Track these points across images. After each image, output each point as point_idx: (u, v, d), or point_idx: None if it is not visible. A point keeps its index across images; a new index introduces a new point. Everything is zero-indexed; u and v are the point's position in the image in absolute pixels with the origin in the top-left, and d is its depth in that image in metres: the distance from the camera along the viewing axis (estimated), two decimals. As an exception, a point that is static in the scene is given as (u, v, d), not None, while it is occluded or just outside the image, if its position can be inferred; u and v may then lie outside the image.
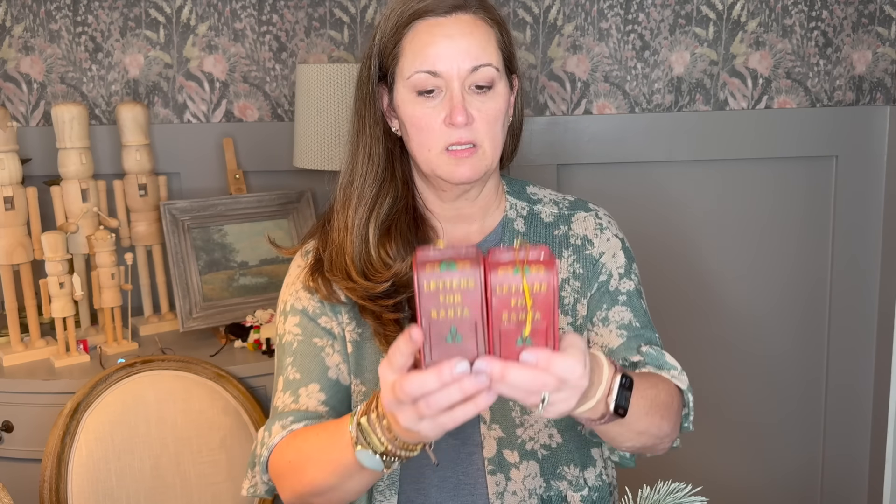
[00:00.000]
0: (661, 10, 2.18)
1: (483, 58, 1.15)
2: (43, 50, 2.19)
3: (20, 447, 1.82)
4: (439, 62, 1.15)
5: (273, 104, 2.22)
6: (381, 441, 0.97)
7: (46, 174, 2.15)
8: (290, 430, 1.16)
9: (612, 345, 1.22)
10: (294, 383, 1.22)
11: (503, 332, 0.84)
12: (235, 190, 2.17)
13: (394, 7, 1.19)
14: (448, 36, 1.15)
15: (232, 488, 1.73)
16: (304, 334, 1.24)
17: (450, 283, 0.83)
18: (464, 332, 0.84)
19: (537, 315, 0.84)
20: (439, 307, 0.84)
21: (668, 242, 2.26)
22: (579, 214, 1.30)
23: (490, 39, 1.17)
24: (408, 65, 1.17)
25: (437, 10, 1.16)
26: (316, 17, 2.18)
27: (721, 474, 2.35)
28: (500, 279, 0.83)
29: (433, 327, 0.84)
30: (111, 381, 1.71)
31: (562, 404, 0.88)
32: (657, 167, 2.23)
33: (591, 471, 1.26)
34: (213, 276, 2.04)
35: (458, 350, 0.84)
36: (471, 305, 0.84)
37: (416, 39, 1.16)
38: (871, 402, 2.34)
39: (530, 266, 0.84)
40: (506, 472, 1.22)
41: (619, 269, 1.26)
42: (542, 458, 1.23)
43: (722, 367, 2.32)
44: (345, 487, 1.08)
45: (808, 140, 2.23)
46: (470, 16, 1.16)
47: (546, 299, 0.83)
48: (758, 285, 2.30)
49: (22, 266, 1.90)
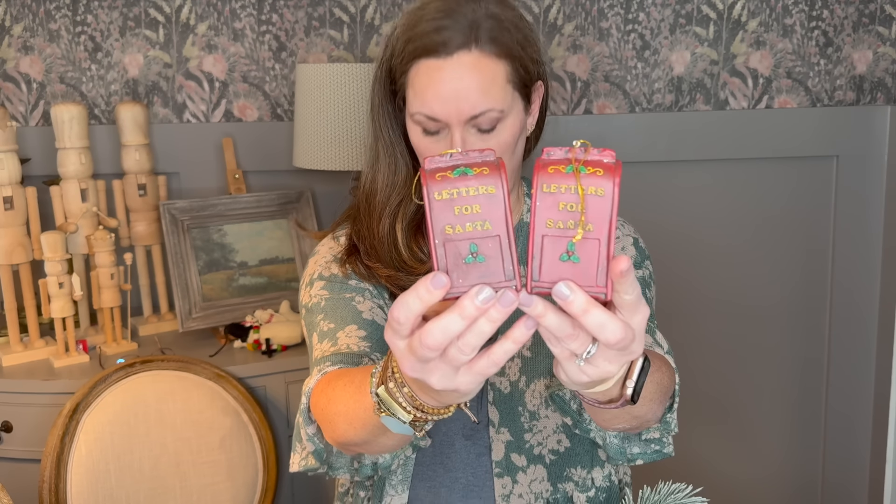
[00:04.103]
0: (661, 9, 2.18)
1: (484, 104, 1.09)
2: (42, 49, 2.19)
3: (19, 447, 1.82)
4: (438, 108, 1.09)
5: (273, 104, 2.22)
6: (407, 409, 0.86)
7: (46, 174, 2.15)
8: (324, 373, 1.08)
9: None
10: (330, 332, 1.17)
11: (545, 240, 0.68)
12: (235, 190, 2.17)
13: (401, 31, 1.14)
14: (448, 81, 1.08)
15: (231, 488, 1.72)
16: (331, 292, 1.21)
17: (466, 191, 0.68)
18: (486, 251, 0.69)
19: (590, 226, 0.67)
20: (454, 221, 0.69)
21: (667, 242, 2.26)
22: None
23: (495, 78, 1.09)
24: (411, 101, 1.13)
25: (439, 51, 1.08)
26: (316, 16, 2.18)
27: (721, 474, 2.35)
28: (548, 177, 0.68)
29: (448, 246, 0.69)
30: (110, 382, 1.71)
31: (605, 365, 0.72)
32: (657, 167, 2.23)
33: (598, 471, 1.25)
34: (212, 276, 2.04)
35: (481, 272, 0.68)
36: (493, 217, 0.68)
37: (417, 79, 1.11)
38: (871, 402, 2.34)
39: (587, 166, 0.68)
40: (512, 475, 1.21)
41: None
42: (550, 462, 1.22)
43: (722, 367, 2.32)
44: (379, 442, 0.99)
45: (809, 140, 2.23)
46: (475, 55, 1.08)
47: (603, 207, 0.67)
48: (758, 285, 2.29)
49: (21, 266, 1.90)
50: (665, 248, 2.27)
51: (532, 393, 1.21)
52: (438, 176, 0.69)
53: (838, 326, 2.31)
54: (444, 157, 0.70)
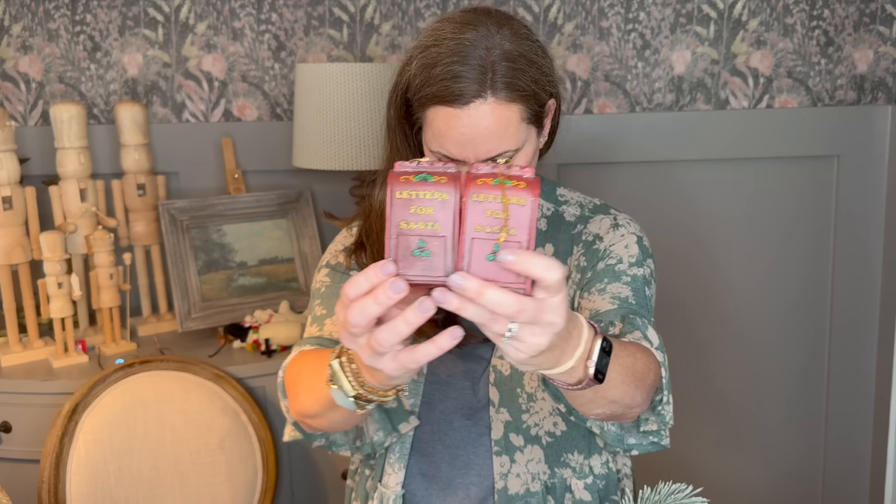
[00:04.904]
0: (661, 8, 2.17)
1: (500, 147, 1.12)
2: (41, 49, 2.19)
3: (18, 448, 1.82)
4: (455, 151, 1.13)
5: (272, 103, 2.22)
6: (352, 384, 0.95)
7: (45, 174, 2.15)
8: (300, 351, 1.18)
9: (600, 308, 1.20)
10: (320, 317, 1.26)
11: (474, 242, 0.78)
12: (234, 189, 2.16)
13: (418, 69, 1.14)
14: (464, 128, 1.11)
15: (231, 488, 1.72)
16: (332, 281, 1.30)
17: (423, 195, 0.79)
18: (432, 248, 0.79)
19: (513, 231, 0.78)
20: (409, 218, 0.79)
21: (668, 242, 2.26)
22: (598, 217, 1.31)
23: (510, 121, 1.12)
24: (428, 139, 1.16)
25: (455, 101, 1.10)
26: (315, 15, 2.18)
27: (722, 474, 2.34)
28: (477, 188, 0.79)
29: (401, 239, 0.79)
30: (110, 382, 1.71)
31: (532, 339, 0.80)
32: (658, 167, 2.23)
33: (596, 458, 1.28)
34: (211, 276, 2.03)
35: (425, 265, 0.79)
36: (443, 220, 0.79)
37: (434, 122, 1.14)
38: (871, 402, 2.33)
39: (511, 180, 0.79)
40: (511, 454, 1.25)
41: (630, 258, 1.25)
42: (547, 444, 1.25)
43: (722, 367, 2.32)
44: (329, 417, 1.08)
45: (810, 139, 2.22)
46: (490, 103, 1.10)
47: (524, 215, 0.78)
48: (758, 284, 2.29)
49: (20, 266, 1.90)
50: (665, 248, 2.26)
51: (530, 375, 1.24)
52: (402, 178, 0.79)
53: (838, 326, 2.30)
54: (413, 163, 0.81)
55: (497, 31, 1.13)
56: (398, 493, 1.27)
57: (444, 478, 1.27)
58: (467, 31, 1.13)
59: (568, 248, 1.28)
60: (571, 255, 1.28)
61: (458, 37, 1.12)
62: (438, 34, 1.14)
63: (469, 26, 1.13)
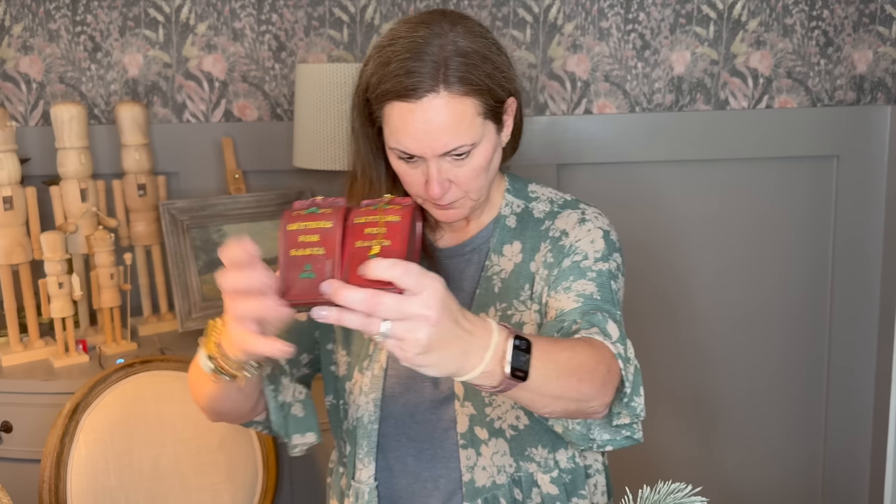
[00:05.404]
0: (661, 9, 2.18)
1: (455, 142, 1.15)
2: (42, 49, 2.19)
3: (19, 447, 1.82)
4: (412, 146, 1.16)
5: (272, 104, 2.22)
6: (214, 345, 1.02)
7: (45, 174, 2.15)
8: None
9: (565, 308, 1.20)
10: None
11: (352, 256, 0.86)
12: (234, 190, 2.17)
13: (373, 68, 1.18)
14: (419, 123, 1.14)
15: (231, 488, 1.72)
16: None
17: (310, 225, 0.89)
18: (317, 270, 0.88)
19: (387, 241, 0.86)
20: (297, 246, 0.89)
21: (668, 242, 2.26)
22: (566, 212, 1.31)
23: (465, 116, 1.15)
24: (387, 136, 1.19)
25: (408, 95, 1.13)
26: (315, 16, 2.18)
27: (721, 474, 2.35)
28: (359, 213, 0.89)
29: (290, 265, 0.88)
30: (110, 382, 1.71)
31: (408, 335, 0.84)
32: (658, 167, 2.23)
33: (562, 453, 1.30)
34: (212, 276, 2.04)
35: (308, 285, 0.87)
36: (326, 245, 0.88)
37: (391, 119, 1.17)
38: (872, 401, 2.34)
39: (390, 204, 0.89)
40: (476, 447, 1.27)
41: (596, 253, 1.25)
42: (511, 437, 1.27)
43: (722, 367, 2.32)
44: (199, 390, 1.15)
45: (809, 140, 2.22)
46: (444, 97, 1.13)
47: (397, 229, 0.86)
48: (759, 284, 2.29)
49: (21, 266, 1.90)
50: (665, 248, 2.27)
51: None
52: (295, 214, 0.90)
53: (838, 326, 2.31)
54: (307, 201, 0.92)
55: (451, 29, 1.16)
56: (372, 486, 1.30)
57: (412, 471, 1.29)
58: (421, 29, 1.16)
59: (536, 245, 1.29)
60: (539, 252, 1.28)
61: (411, 35, 1.16)
62: (394, 34, 1.18)
63: (423, 25, 1.17)
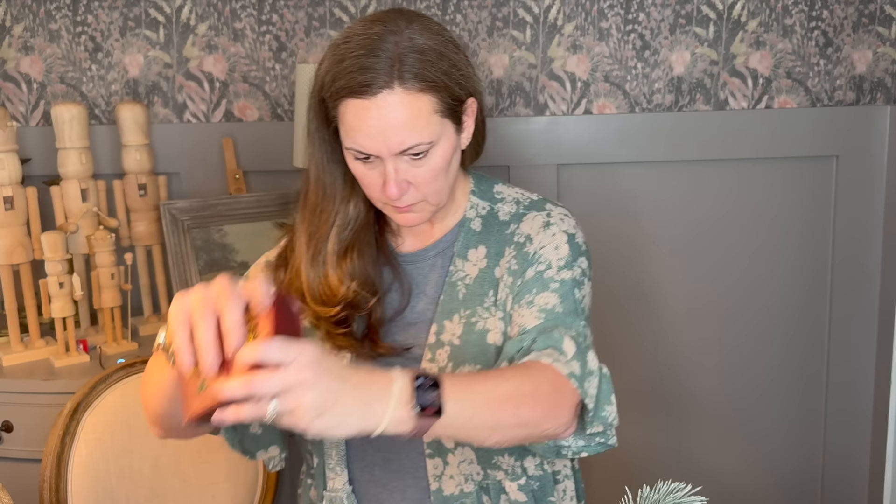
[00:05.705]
0: (661, 9, 2.18)
1: (411, 140, 1.13)
2: (42, 50, 2.19)
3: (20, 447, 1.82)
4: (367, 144, 1.14)
5: (273, 104, 2.22)
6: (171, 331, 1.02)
7: (46, 174, 2.15)
8: None
9: (527, 325, 1.19)
10: None
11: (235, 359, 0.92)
12: (235, 190, 2.17)
13: (328, 66, 1.16)
14: (374, 120, 1.12)
15: (231, 489, 1.72)
16: None
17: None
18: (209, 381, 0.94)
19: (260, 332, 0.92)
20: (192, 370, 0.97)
21: (667, 242, 2.26)
22: (531, 214, 1.29)
23: (421, 113, 1.13)
24: (343, 135, 1.17)
25: (363, 92, 1.11)
26: (316, 16, 2.18)
27: (720, 474, 2.35)
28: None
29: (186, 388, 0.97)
30: (111, 382, 1.71)
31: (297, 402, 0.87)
32: (657, 167, 2.23)
33: (530, 460, 1.28)
34: (213, 276, 2.03)
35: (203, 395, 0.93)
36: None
37: (345, 117, 1.15)
38: (871, 401, 2.34)
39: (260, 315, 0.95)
40: (443, 456, 1.26)
41: (559, 261, 1.24)
42: (477, 446, 1.25)
43: (721, 367, 2.32)
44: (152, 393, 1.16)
45: (809, 140, 2.23)
46: (399, 93, 1.11)
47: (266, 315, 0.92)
48: (758, 284, 2.29)
49: (22, 266, 1.90)
50: (664, 248, 2.27)
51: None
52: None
53: (838, 326, 2.31)
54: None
55: (406, 26, 1.14)
56: (348, 492, 1.28)
57: (379, 481, 1.28)
58: (376, 26, 1.14)
59: (500, 250, 1.27)
60: (504, 257, 1.26)
61: (366, 32, 1.14)
62: (349, 31, 1.16)
63: (378, 22, 1.15)
